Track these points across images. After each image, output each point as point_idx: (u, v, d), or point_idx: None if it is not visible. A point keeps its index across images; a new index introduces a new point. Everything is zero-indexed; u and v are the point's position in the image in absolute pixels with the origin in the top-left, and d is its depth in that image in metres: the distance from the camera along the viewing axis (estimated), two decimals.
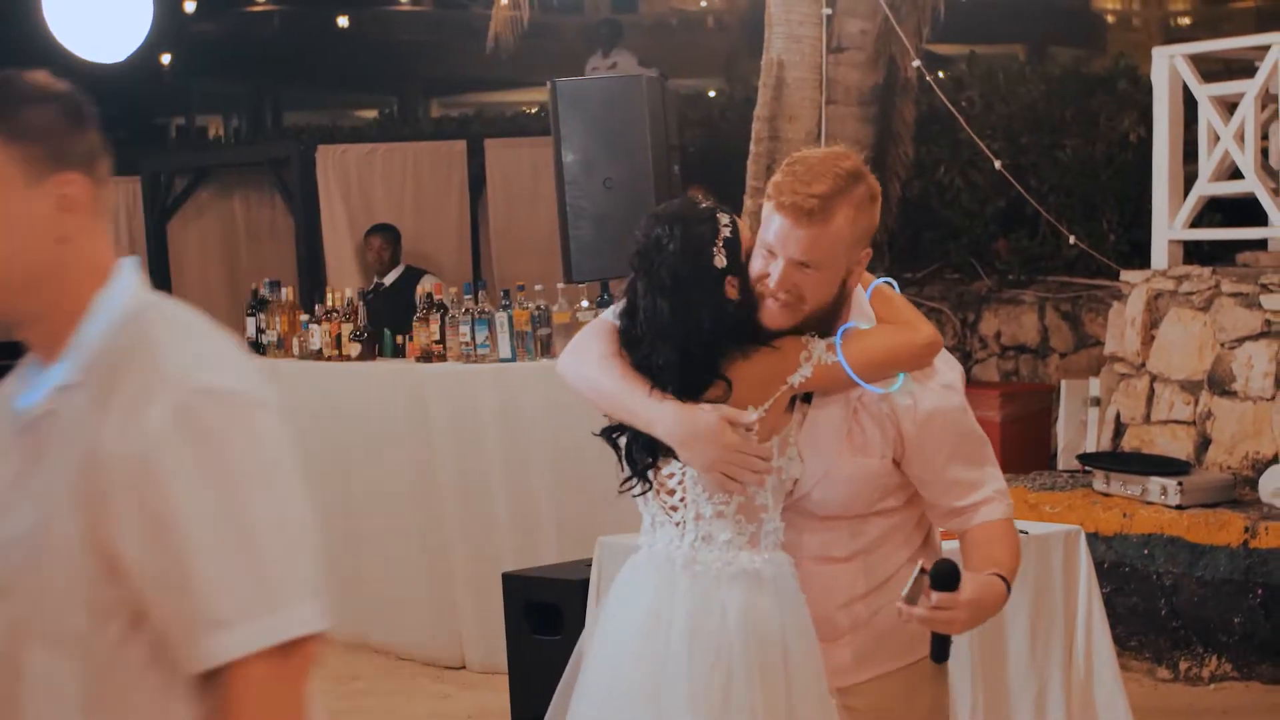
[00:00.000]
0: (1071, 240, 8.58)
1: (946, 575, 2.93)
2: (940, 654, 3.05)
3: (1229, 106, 7.69)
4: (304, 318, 8.05)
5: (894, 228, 8.92)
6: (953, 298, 9.42)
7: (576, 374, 3.21)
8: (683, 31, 24.23)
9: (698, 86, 16.76)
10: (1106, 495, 7.16)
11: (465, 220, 10.48)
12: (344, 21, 27.32)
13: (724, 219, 3.08)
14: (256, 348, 8.35)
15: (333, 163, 9.89)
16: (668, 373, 3.06)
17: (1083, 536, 5.01)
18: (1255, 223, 7.72)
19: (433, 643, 7.38)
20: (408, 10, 28.35)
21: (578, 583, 5.25)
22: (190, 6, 25.23)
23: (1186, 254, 7.97)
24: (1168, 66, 7.85)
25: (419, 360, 7.40)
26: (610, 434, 3.18)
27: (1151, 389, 7.64)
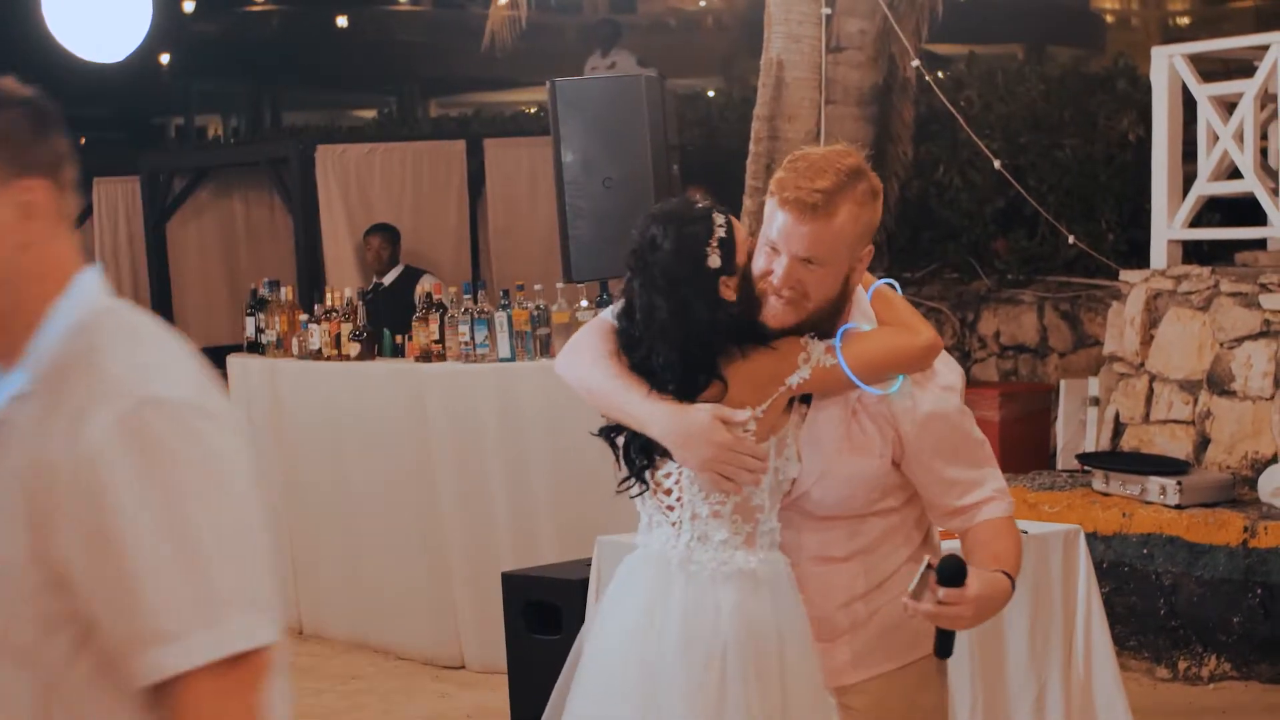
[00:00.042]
0: (1070, 240, 8.58)
1: (954, 571, 2.93)
2: (944, 650, 3.05)
3: (1228, 106, 7.69)
4: (303, 317, 8.05)
5: (893, 227, 8.92)
6: (952, 297, 9.42)
7: (573, 373, 3.21)
8: (681, 31, 24.18)
9: (696, 86, 16.72)
10: (1106, 495, 7.17)
11: (464, 220, 10.48)
12: (343, 21, 27.28)
13: (719, 219, 3.07)
14: (256, 347, 8.36)
15: (332, 163, 9.89)
16: (665, 373, 3.06)
17: (1082, 536, 5.02)
18: (1254, 222, 7.73)
19: (432, 642, 7.38)
20: (407, 10, 28.32)
21: (577, 582, 5.26)
22: (189, 6, 25.20)
23: (1185, 254, 7.98)
24: (1167, 66, 7.86)
25: (418, 360, 7.41)
26: (608, 434, 3.18)
27: (1150, 389, 7.65)
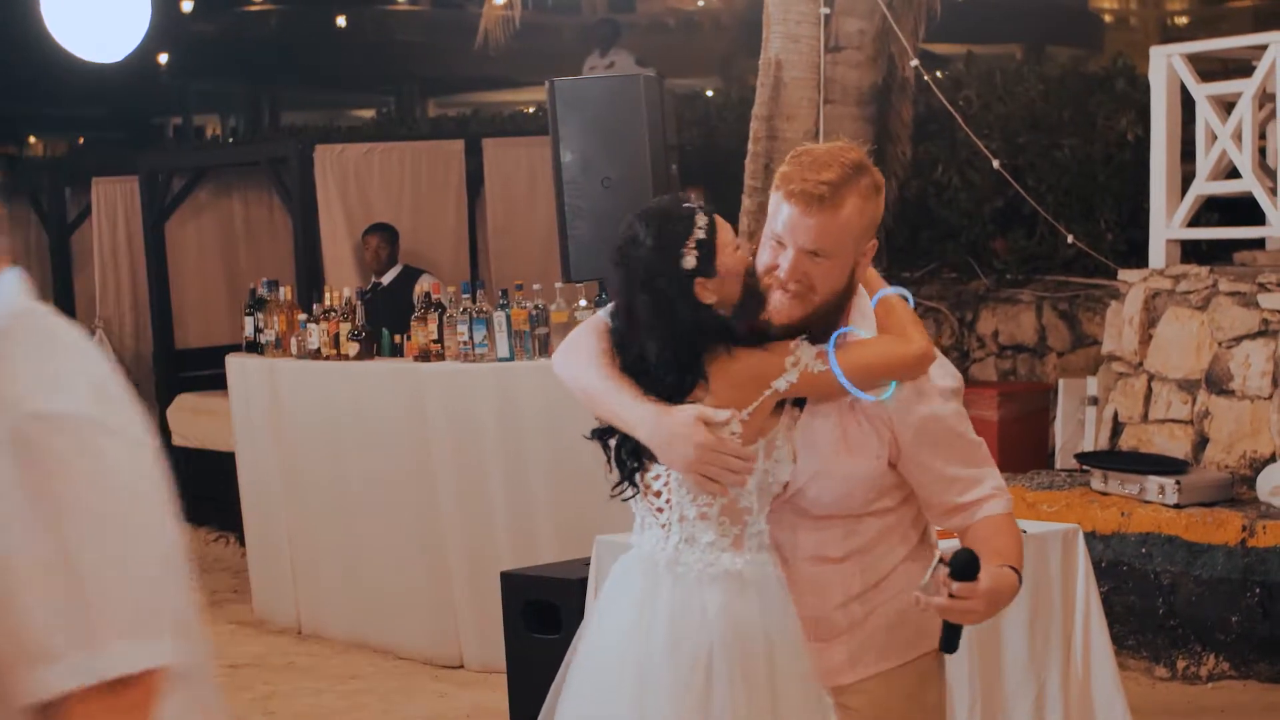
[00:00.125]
0: (1069, 239, 8.58)
1: (966, 565, 2.92)
2: (950, 645, 3.04)
3: (1226, 106, 7.69)
4: (302, 317, 8.05)
5: (891, 227, 8.92)
6: (950, 297, 9.42)
7: (568, 372, 3.21)
8: (680, 31, 24.18)
9: (695, 86, 16.72)
10: (1104, 494, 7.17)
11: (463, 220, 10.47)
12: (341, 21, 27.29)
13: (701, 220, 3.05)
14: (255, 347, 8.36)
15: (330, 162, 9.88)
16: (648, 372, 3.06)
17: (1081, 536, 5.02)
18: (1252, 222, 7.73)
19: (431, 642, 7.38)
20: (405, 10, 28.32)
21: (576, 582, 5.26)
22: (188, 6, 25.19)
23: (1184, 253, 7.98)
24: (1165, 66, 7.86)
25: (417, 360, 7.41)
26: (600, 436, 3.17)
27: (1149, 388, 7.65)
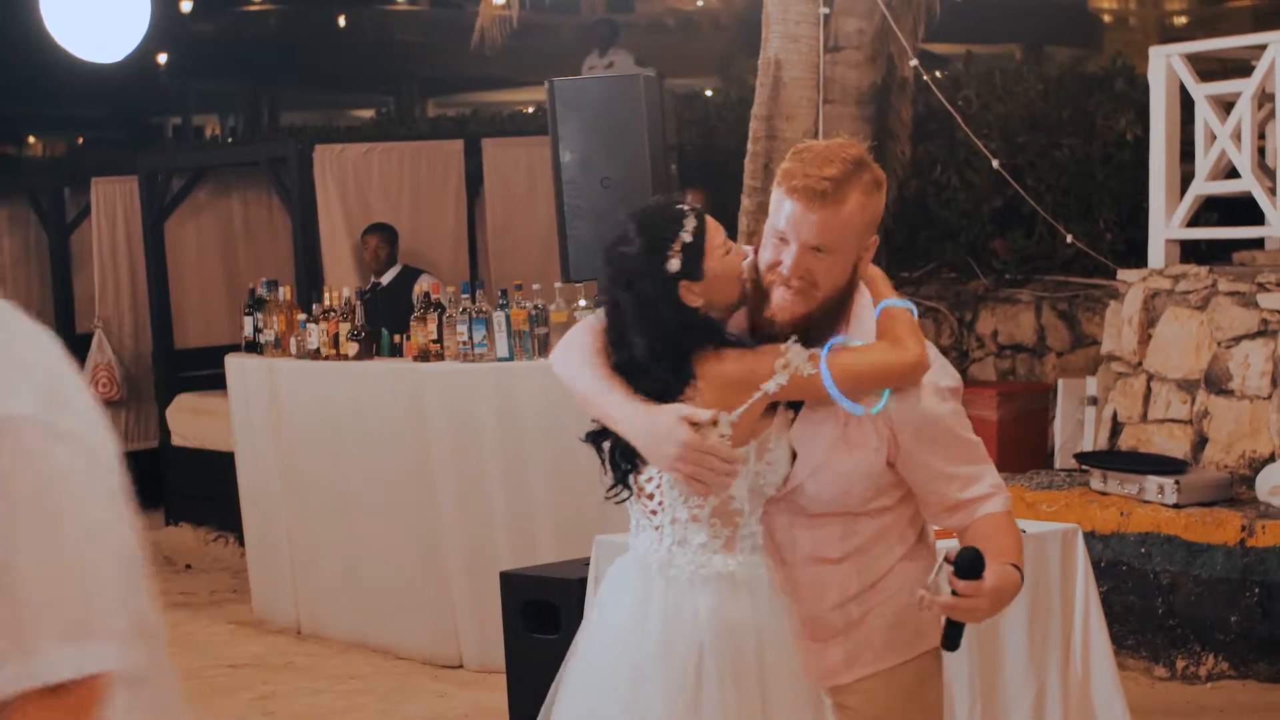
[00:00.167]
0: (1068, 239, 8.59)
1: (971, 563, 2.92)
2: (952, 643, 3.04)
3: (1225, 106, 7.69)
4: (301, 317, 8.05)
5: (891, 227, 8.92)
6: (950, 297, 9.42)
7: (565, 371, 3.22)
8: (679, 31, 24.19)
9: (694, 86, 16.72)
10: (1104, 494, 7.17)
11: (462, 219, 10.47)
12: (341, 21, 27.30)
13: (689, 223, 3.03)
14: (254, 347, 8.36)
15: (330, 162, 9.88)
16: (637, 372, 3.06)
17: (1080, 535, 5.02)
18: (1252, 222, 7.73)
19: (430, 642, 7.38)
20: (404, 10, 28.33)
21: (575, 581, 5.26)
22: (187, 6, 25.20)
23: (1183, 253, 7.98)
24: (1164, 66, 7.86)
25: (416, 360, 7.41)
26: (594, 439, 3.17)
27: (1148, 388, 7.65)
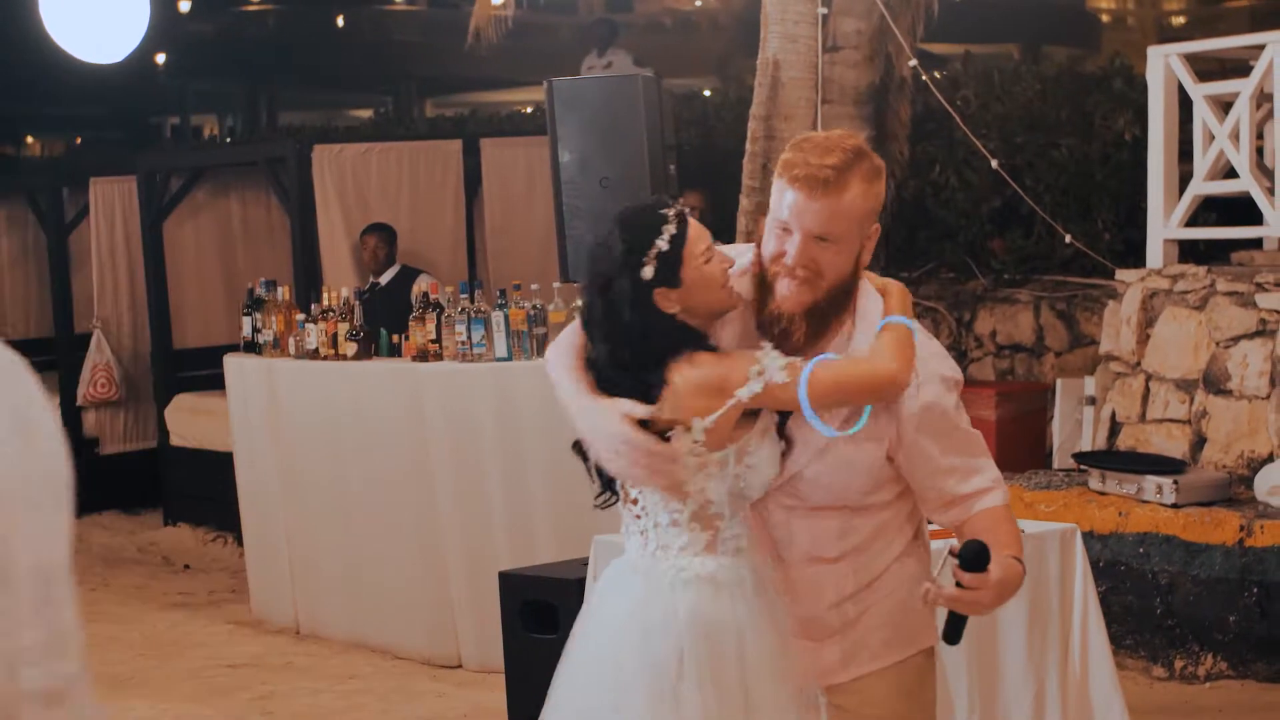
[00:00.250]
0: (1067, 239, 8.59)
1: (976, 555, 2.92)
2: (954, 636, 3.04)
3: (1224, 106, 7.70)
4: (300, 317, 8.05)
5: (889, 227, 8.92)
6: (948, 297, 9.42)
7: (551, 370, 3.24)
8: (678, 31, 24.20)
9: (692, 86, 16.73)
10: (1102, 494, 7.17)
11: (461, 219, 10.47)
12: (339, 21, 27.31)
13: (669, 230, 3.03)
14: (253, 347, 8.36)
15: (328, 162, 9.87)
16: (611, 374, 3.08)
17: (1079, 535, 5.03)
18: (1250, 222, 7.73)
19: (429, 642, 7.38)
20: (403, 10, 28.34)
21: (574, 581, 5.26)
22: (185, 6, 25.20)
23: (1182, 253, 7.98)
24: (1163, 66, 7.86)
25: (415, 360, 7.41)
26: (580, 446, 3.18)
27: (1147, 388, 7.65)
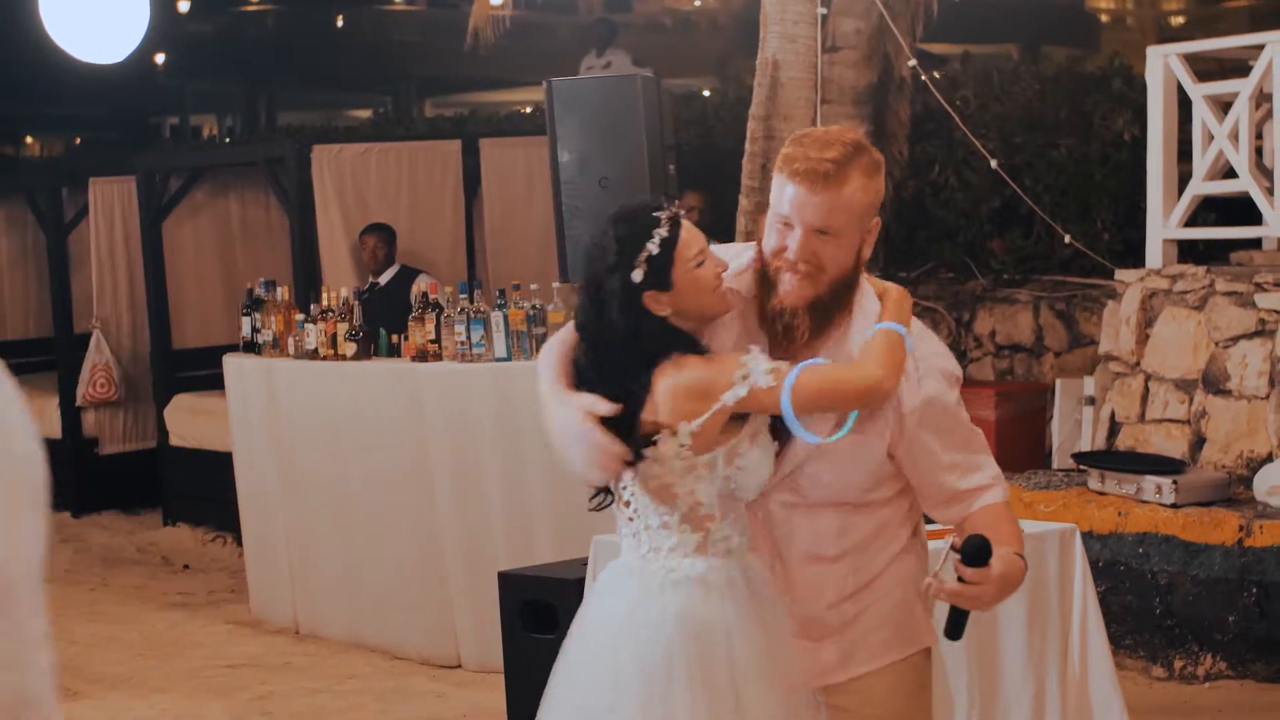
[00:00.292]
0: (1066, 239, 8.59)
1: (978, 550, 2.93)
2: (956, 632, 3.04)
3: (1223, 106, 7.69)
4: (299, 317, 8.05)
5: (889, 227, 8.92)
6: (948, 297, 9.42)
7: (538, 367, 3.25)
8: (677, 31, 24.19)
9: (692, 86, 16.73)
10: (1101, 494, 7.17)
11: (460, 220, 10.46)
12: (338, 21, 27.31)
13: (661, 233, 3.04)
14: (252, 347, 8.36)
15: (328, 162, 9.87)
16: (586, 372, 3.10)
17: (1078, 535, 5.03)
18: (1249, 222, 7.73)
19: (428, 642, 7.38)
20: (402, 10, 28.34)
21: (573, 581, 5.26)
22: (184, 6, 25.21)
23: (1181, 253, 7.98)
24: (1162, 66, 7.86)
25: (414, 360, 7.41)
26: None
27: (1146, 388, 7.65)
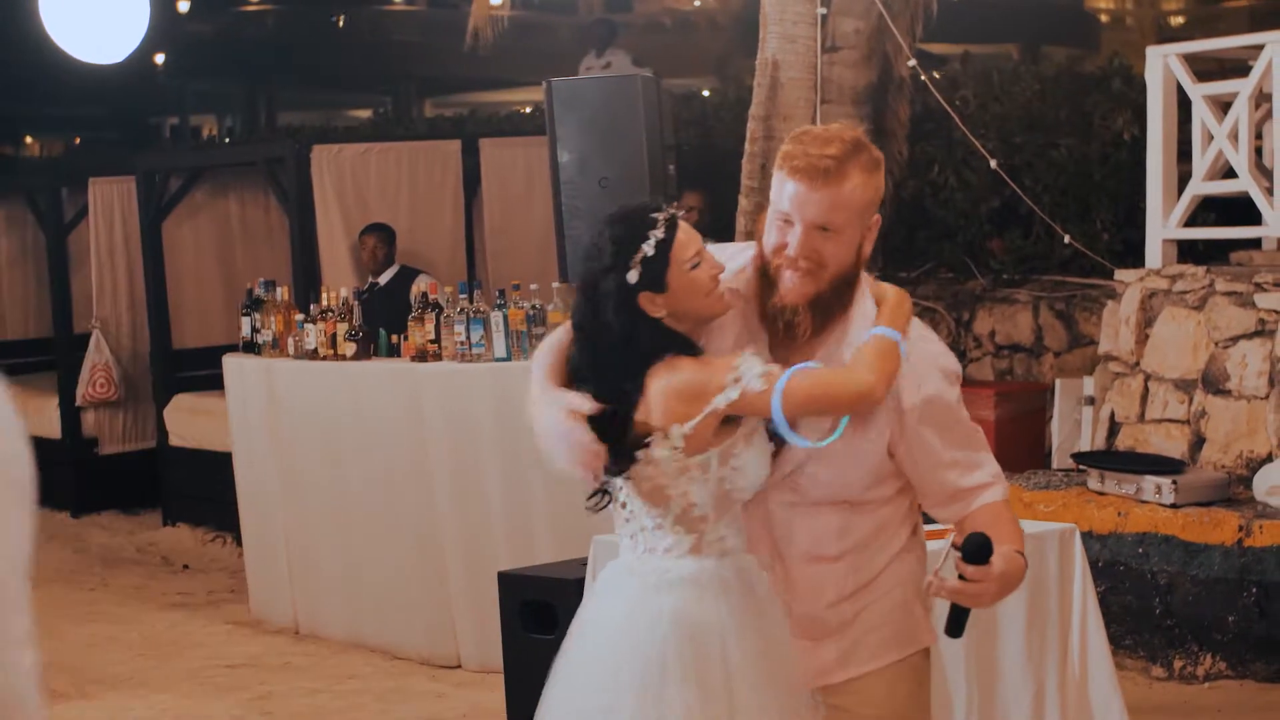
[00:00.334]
0: (1066, 239, 8.59)
1: (979, 548, 2.93)
2: (957, 629, 3.04)
3: (1223, 106, 7.70)
4: (299, 317, 8.05)
5: (888, 227, 8.91)
6: (947, 297, 9.42)
7: (532, 365, 3.26)
8: (676, 31, 24.19)
9: (691, 86, 16.73)
10: (1101, 494, 7.17)
11: (460, 220, 10.46)
12: (338, 21, 27.31)
13: (657, 235, 3.04)
14: (252, 347, 8.36)
15: (327, 162, 9.87)
16: (579, 372, 3.10)
17: (1078, 535, 5.03)
18: (1249, 222, 7.73)
19: (428, 642, 7.38)
20: (401, 10, 28.34)
21: (573, 581, 5.26)
22: (184, 6, 25.21)
23: (1180, 253, 7.98)
24: (1161, 66, 7.86)
25: (414, 360, 7.41)
26: None
27: (1146, 388, 7.65)
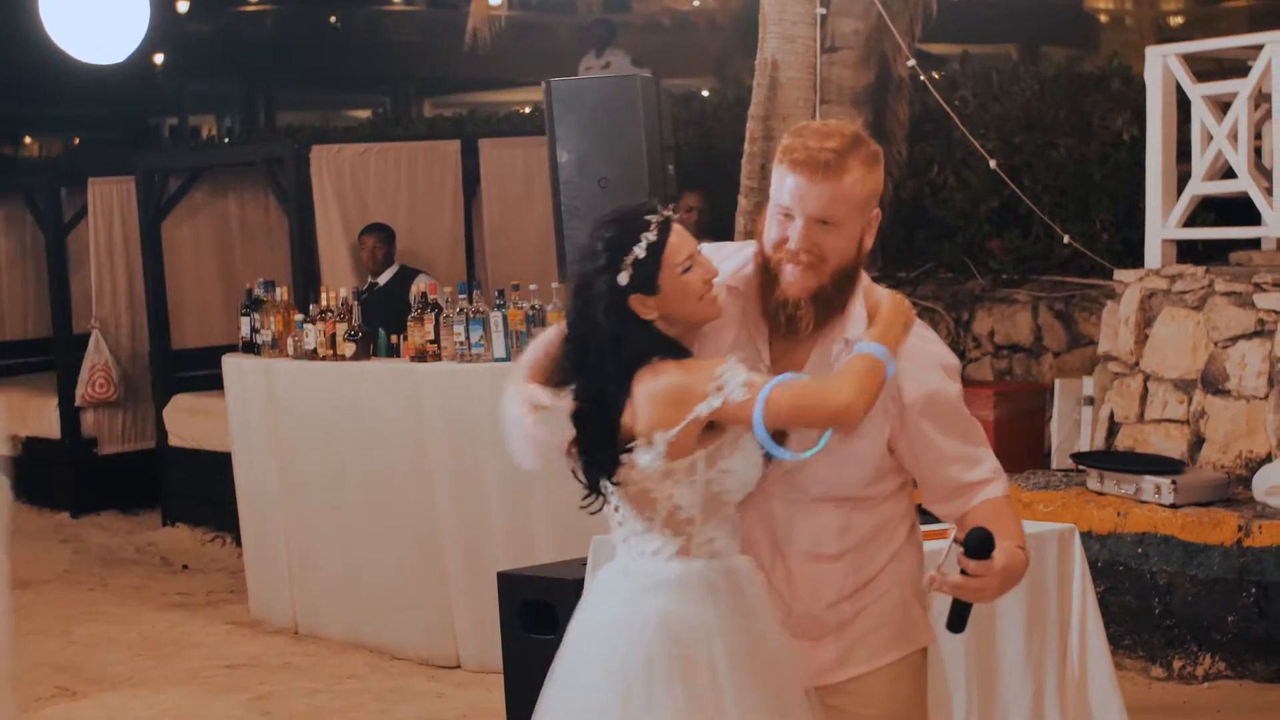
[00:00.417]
0: (1065, 239, 8.59)
1: (981, 543, 2.94)
2: (959, 624, 3.05)
3: (1222, 106, 7.69)
4: (298, 317, 8.05)
5: (887, 227, 8.92)
6: (946, 297, 9.42)
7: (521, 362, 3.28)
8: (676, 31, 24.21)
9: (690, 86, 16.74)
10: (1100, 494, 7.17)
11: (459, 220, 10.47)
12: (337, 21, 27.31)
13: (649, 237, 3.06)
14: (251, 347, 8.36)
15: (327, 162, 9.87)
16: (567, 371, 3.11)
17: (1077, 535, 5.03)
18: (1248, 222, 7.73)
19: (427, 642, 7.38)
20: (401, 10, 28.36)
21: (572, 582, 5.26)
22: (183, 6, 25.21)
23: (1180, 253, 7.98)
24: (1161, 66, 7.86)
25: (413, 360, 7.41)
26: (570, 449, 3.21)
27: (1145, 388, 7.65)
